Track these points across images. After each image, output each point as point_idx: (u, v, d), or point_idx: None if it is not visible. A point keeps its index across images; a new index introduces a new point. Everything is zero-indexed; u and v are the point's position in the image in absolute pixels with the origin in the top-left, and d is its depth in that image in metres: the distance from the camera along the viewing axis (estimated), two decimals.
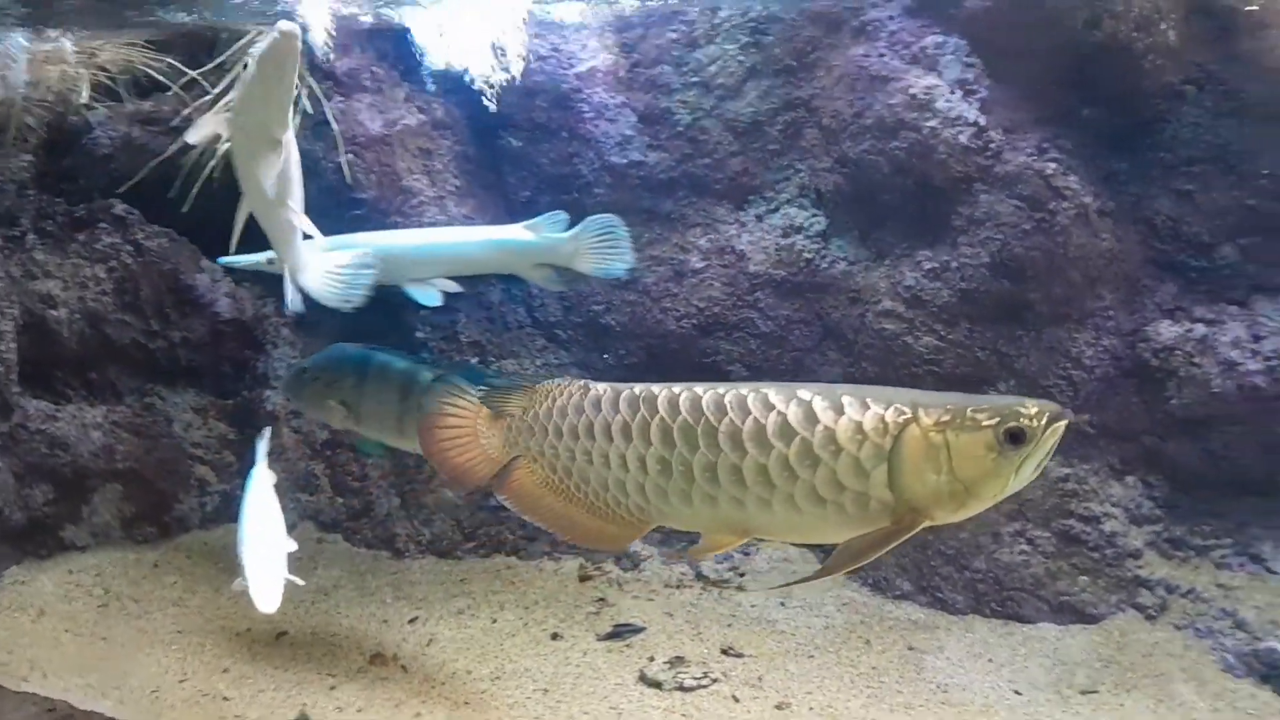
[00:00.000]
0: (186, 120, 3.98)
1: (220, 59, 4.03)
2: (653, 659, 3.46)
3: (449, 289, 3.49)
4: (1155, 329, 3.70)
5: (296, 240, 3.13)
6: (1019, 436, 1.94)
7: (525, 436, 2.30)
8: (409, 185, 4.13)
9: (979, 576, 3.79)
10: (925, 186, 3.73)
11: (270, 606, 2.90)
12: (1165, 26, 3.52)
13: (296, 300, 3.13)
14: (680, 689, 3.30)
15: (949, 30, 3.70)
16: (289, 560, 3.03)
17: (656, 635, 3.65)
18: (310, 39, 3.78)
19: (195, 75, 4.07)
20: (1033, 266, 3.65)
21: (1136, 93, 3.64)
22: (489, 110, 4.17)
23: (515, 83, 3.95)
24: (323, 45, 3.81)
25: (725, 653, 3.54)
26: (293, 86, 2.82)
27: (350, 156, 4.01)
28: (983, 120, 3.63)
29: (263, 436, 3.50)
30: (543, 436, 2.27)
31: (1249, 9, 3.46)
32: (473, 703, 3.22)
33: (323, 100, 3.99)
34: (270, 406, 4.27)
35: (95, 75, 4.17)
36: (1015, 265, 3.66)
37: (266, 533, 3.08)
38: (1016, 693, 3.36)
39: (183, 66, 4.09)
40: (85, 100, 4.15)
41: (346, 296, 3.14)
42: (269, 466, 3.41)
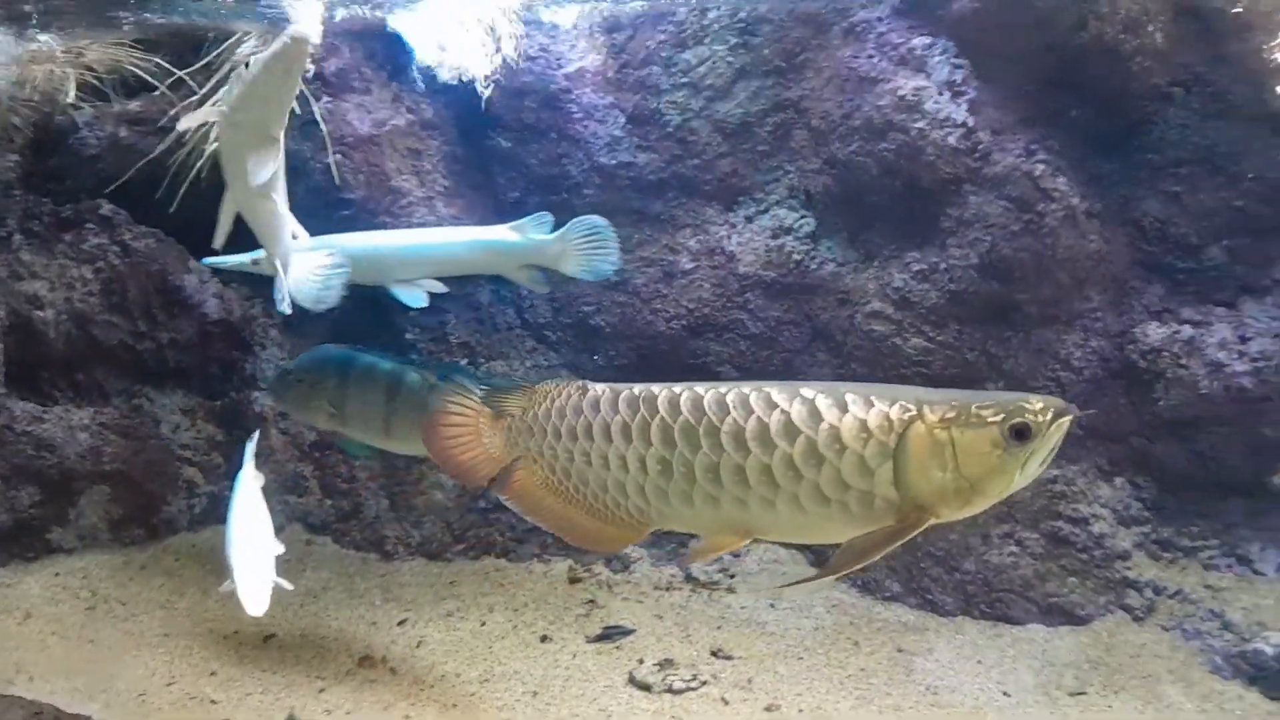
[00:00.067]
0: (174, 120, 3.96)
1: (207, 59, 4.01)
2: (642, 661, 3.46)
3: (435, 290, 3.48)
4: (1143, 330, 3.71)
5: (286, 238, 3.11)
6: (1024, 432, 1.92)
7: (525, 437, 2.28)
8: (397, 186, 4.12)
9: (968, 578, 3.80)
10: (914, 188, 3.73)
11: (258, 610, 2.89)
12: (1153, 28, 3.52)
13: (287, 301, 3.12)
14: (669, 691, 3.30)
15: (937, 32, 3.70)
16: (277, 563, 3.02)
17: (646, 637, 3.65)
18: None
19: (183, 75, 4.05)
20: (1021, 268, 3.66)
21: (1124, 94, 3.65)
22: (478, 111, 4.17)
23: (510, 68, 3.93)
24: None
25: (715, 655, 3.54)
26: (296, 90, 2.82)
27: (338, 157, 4.00)
28: (971, 122, 3.63)
29: (251, 439, 3.49)
30: (541, 437, 2.25)
31: (1235, 11, 3.47)
32: (461, 705, 3.21)
33: (311, 100, 3.97)
34: (259, 408, 4.25)
35: (82, 75, 4.15)
36: (1004, 266, 3.66)
37: (254, 536, 3.08)
38: (1005, 694, 3.37)
39: (170, 66, 4.07)
40: (72, 100, 4.13)
41: (320, 298, 3.13)
42: (257, 468, 3.40)
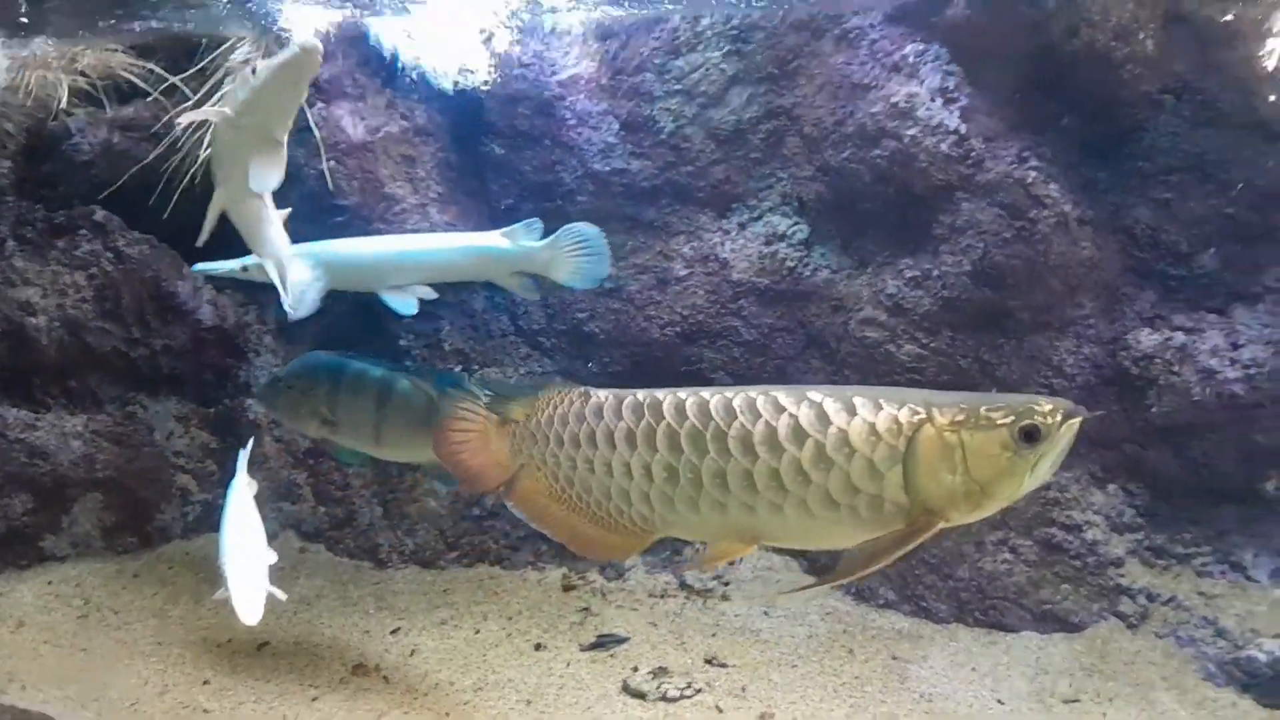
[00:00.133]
0: (168, 126, 3.96)
1: (201, 64, 4.01)
2: (636, 669, 3.45)
3: (426, 296, 3.48)
4: (1135, 337, 3.72)
5: (275, 239, 3.09)
6: (1034, 434, 1.91)
7: (528, 445, 2.25)
8: (391, 192, 4.12)
9: (962, 585, 3.81)
10: (906, 195, 3.74)
11: (253, 619, 2.89)
12: (1143, 36, 3.53)
13: (290, 303, 3.11)
14: (664, 699, 3.30)
15: (930, 39, 3.70)
16: (271, 572, 3.02)
17: (640, 645, 3.64)
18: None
19: (176, 81, 4.05)
20: (1014, 275, 3.66)
21: (1115, 101, 3.65)
22: (472, 117, 4.17)
23: (502, 74, 3.95)
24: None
25: (709, 663, 3.53)
26: (302, 98, 2.82)
27: (332, 163, 3.99)
28: (963, 129, 3.63)
29: (244, 447, 3.48)
30: (544, 445, 2.23)
31: (1225, 19, 3.48)
32: (455, 714, 3.21)
33: (304, 107, 3.96)
34: (253, 415, 4.25)
35: (75, 80, 4.14)
36: (996, 273, 3.67)
37: (248, 544, 3.07)
38: (999, 702, 3.37)
39: (164, 72, 4.07)
40: (65, 105, 4.13)
41: (294, 304, 3.12)
42: (251, 476, 3.39)
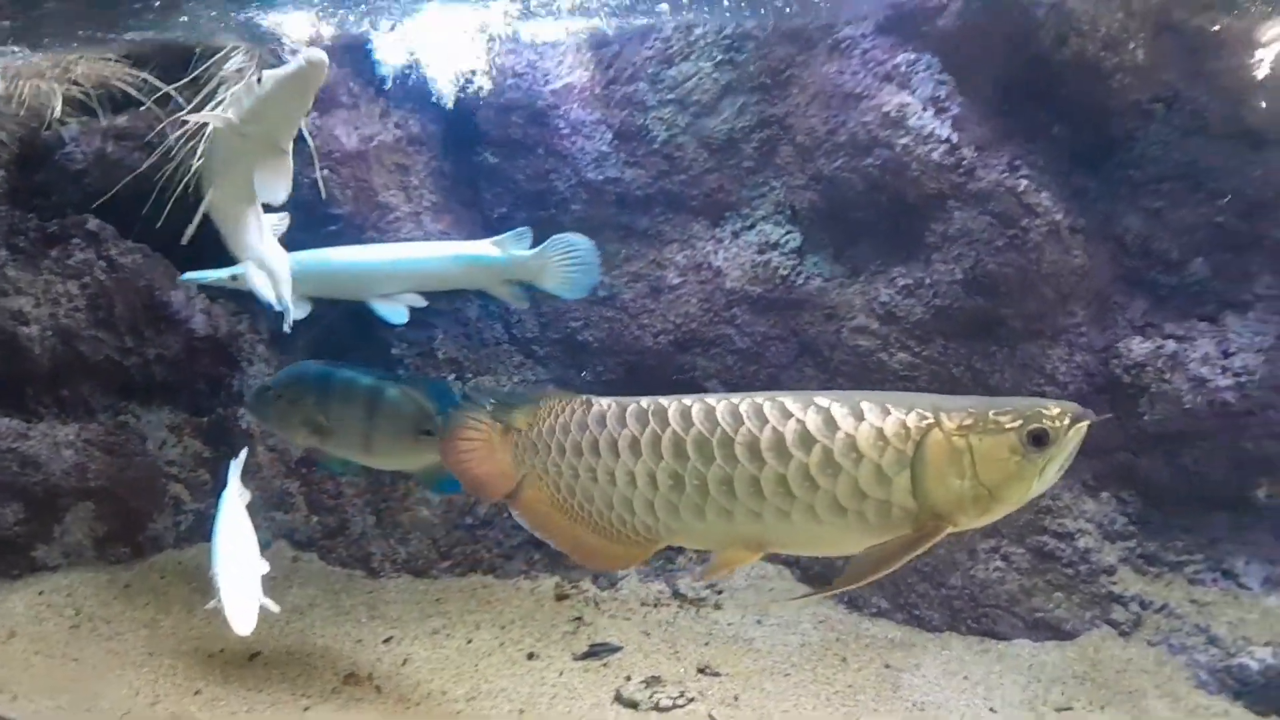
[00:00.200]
0: (161, 135, 3.96)
1: (195, 74, 4.01)
2: (629, 678, 3.45)
3: (415, 305, 3.48)
4: (1127, 345, 3.73)
5: (262, 244, 3.09)
6: (1042, 438, 1.91)
7: (530, 454, 2.23)
8: (385, 201, 4.12)
9: (955, 593, 3.81)
10: (899, 203, 3.75)
11: (245, 629, 2.89)
12: (1133, 45, 3.55)
13: (290, 314, 3.10)
14: (656, 709, 3.29)
15: (921, 48, 3.71)
16: (263, 582, 3.01)
17: (633, 654, 3.64)
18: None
19: (170, 90, 4.05)
20: (1005, 283, 3.67)
21: (1105, 110, 3.67)
22: (465, 126, 4.18)
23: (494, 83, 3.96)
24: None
25: (702, 672, 3.53)
26: (307, 108, 2.82)
27: (325, 172, 4.00)
28: (955, 137, 3.65)
29: (236, 457, 3.48)
30: (545, 454, 2.20)
31: (1214, 29, 3.50)
32: None
33: None
34: (245, 424, 4.24)
35: (69, 90, 4.14)
36: (988, 282, 3.68)
37: (240, 554, 3.07)
38: (992, 710, 3.37)
39: (158, 82, 4.07)
40: (58, 115, 4.13)
41: (282, 304, 3.11)
42: (243, 485, 3.39)
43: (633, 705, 3.31)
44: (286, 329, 3.12)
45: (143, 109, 4.12)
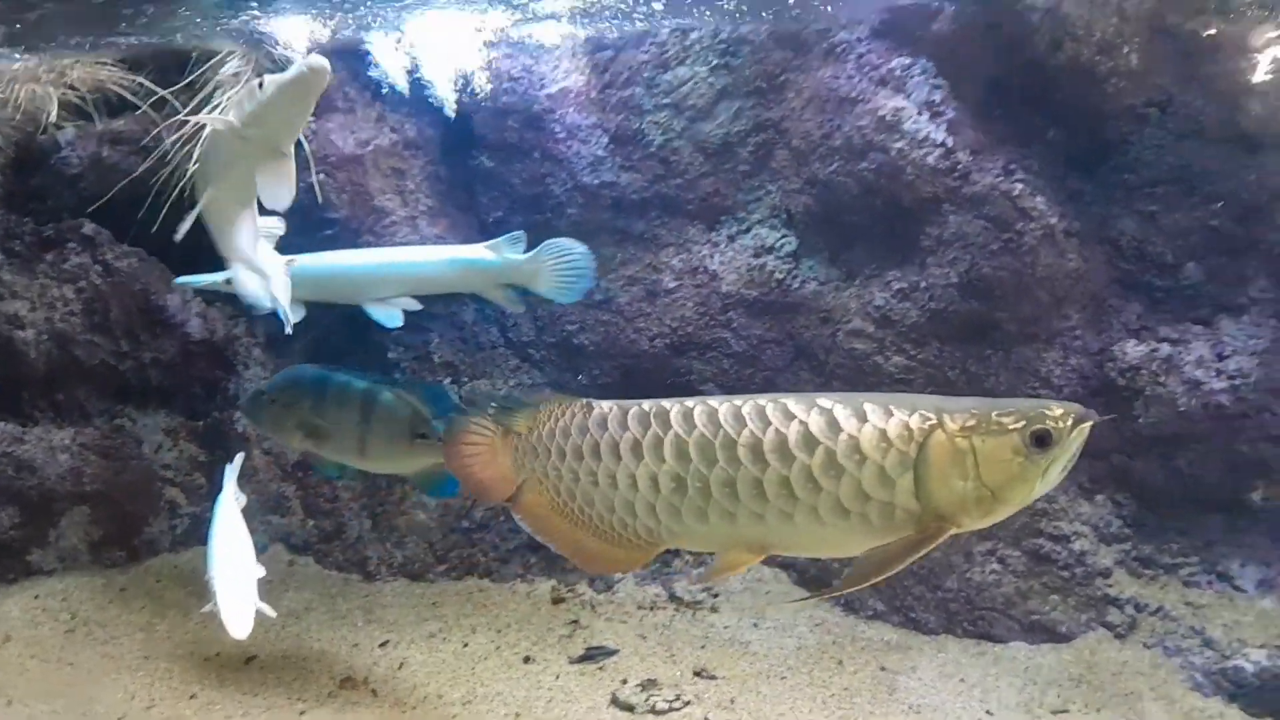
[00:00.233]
0: (157, 139, 3.96)
1: (190, 78, 4.01)
2: (625, 682, 3.45)
3: (410, 308, 3.47)
4: (1122, 348, 3.74)
5: (253, 246, 3.08)
6: (1045, 439, 1.90)
7: (529, 458, 2.21)
8: (381, 205, 4.13)
9: (951, 596, 3.81)
10: (894, 207, 3.76)
11: (242, 633, 2.89)
12: (1127, 50, 3.56)
13: (288, 317, 3.10)
14: (652, 712, 3.30)
15: (916, 52, 3.73)
16: (259, 586, 3.01)
17: (629, 658, 3.64)
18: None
19: (166, 94, 4.05)
20: (1001, 286, 3.68)
21: (1100, 115, 3.69)
22: (461, 130, 4.18)
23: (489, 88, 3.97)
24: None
25: (698, 675, 3.53)
26: (309, 113, 2.82)
27: (322, 176, 4.00)
28: (950, 141, 3.66)
29: (232, 461, 3.47)
30: (545, 458, 2.19)
31: (1208, 33, 3.51)
32: None
33: None
34: (241, 428, 4.23)
35: (65, 94, 4.14)
36: (983, 285, 3.69)
37: (236, 558, 3.06)
38: (988, 713, 3.37)
39: (153, 86, 4.07)
40: (54, 119, 4.12)
41: (271, 304, 3.11)
42: (239, 489, 3.38)
43: (629, 708, 3.31)
44: (288, 331, 3.11)
45: (138, 113, 4.13)
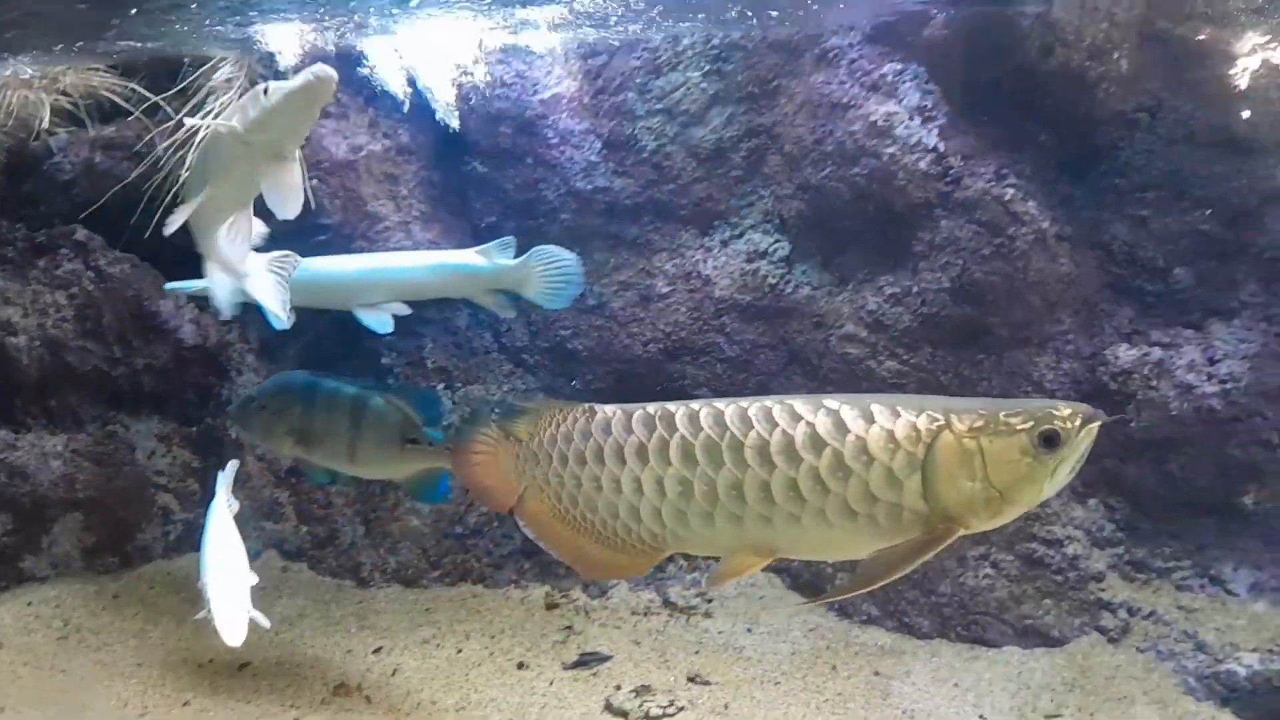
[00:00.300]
0: (150, 145, 3.96)
1: (184, 84, 4.01)
2: (619, 687, 3.45)
3: (400, 313, 3.47)
4: (1113, 352, 3.75)
5: (243, 249, 3.08)
6: (1053, 440, 1.88)
7: (530, 464, 2.20)
8: (374, 210, 4.13)
9: (944, 601, 3.81)
10: (886, 212, 3.77)
11: (236, 639, 2.89)
12: (1118, 55, 3.58)
13: (280, 319, 3.09)
14: (646, 718, 3.29)
15: (908, 58, 3.74)
16: (252, 593, 3.00)
17: (623, 663, 3.64)
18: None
19: (159, 100, 4.05)
20: (993, 291, 3.69)
21: (1091, 120, 3.70)
22: (454, 136, 4.18)
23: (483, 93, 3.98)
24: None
25: (692, 680, 3.53)
26: (314, 120, 2.82)
27: (315, 182, 4.00)
28: (942, 146, 3.67)
29: (225, 468, 3.46)
30: (546, 464, 2.17)
31: (1198, 39, 3.53)
32: None
33: None
34: (234, 434, 4.23)
35: (57, 100, 4.13)
36: (975, 290, 3.69)
37: (229, 565, 3.06)
38: (982, 717, 3.37)
39: (146, 92, 4.07)
40: (47, 125, 4.12)
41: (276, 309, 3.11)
42: (232, 495, 3.38)
43: (623, 714, 3.31)
44: (280, 328, 3.10)
45: (131, 119, 4.12)
